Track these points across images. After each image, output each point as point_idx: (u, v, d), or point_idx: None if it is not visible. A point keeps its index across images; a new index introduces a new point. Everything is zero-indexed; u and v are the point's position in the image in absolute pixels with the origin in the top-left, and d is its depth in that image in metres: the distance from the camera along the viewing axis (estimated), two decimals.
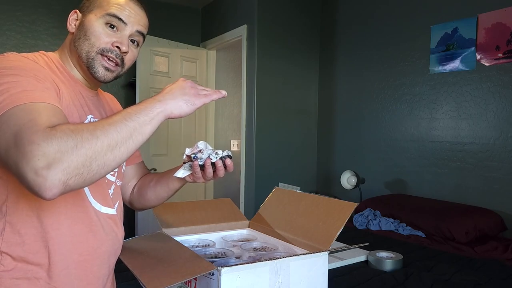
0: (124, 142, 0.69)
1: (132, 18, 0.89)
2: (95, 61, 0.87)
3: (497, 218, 2.26)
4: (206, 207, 1.28)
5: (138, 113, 0.73)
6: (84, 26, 0.87)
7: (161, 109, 0.76)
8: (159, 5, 3.90)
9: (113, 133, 0.68)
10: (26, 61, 0.78)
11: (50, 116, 0.68)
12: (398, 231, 2.32)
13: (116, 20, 0.87)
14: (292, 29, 3.52)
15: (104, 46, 0.87)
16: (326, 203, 1.06)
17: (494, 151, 2.42)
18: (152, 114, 0.74)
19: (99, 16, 0.87)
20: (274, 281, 0.85)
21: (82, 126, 0.67)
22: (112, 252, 0.94)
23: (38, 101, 0.69)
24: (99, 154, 0.66)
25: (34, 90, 0.71)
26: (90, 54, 0.86)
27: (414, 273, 1.62)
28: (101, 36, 0.86)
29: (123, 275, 1.48)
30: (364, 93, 3.27)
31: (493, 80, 2.43)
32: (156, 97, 0.78)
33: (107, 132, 0.68)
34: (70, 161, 0.63)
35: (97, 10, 0.87)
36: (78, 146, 0.64)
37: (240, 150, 3.54)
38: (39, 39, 3.28)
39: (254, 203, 3.31)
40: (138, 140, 0.72)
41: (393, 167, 3.01)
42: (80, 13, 0.89)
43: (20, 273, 0.79)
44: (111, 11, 0.87)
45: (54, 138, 0.63)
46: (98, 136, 0.66)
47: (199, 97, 0.82)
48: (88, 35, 0.86)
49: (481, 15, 2.47)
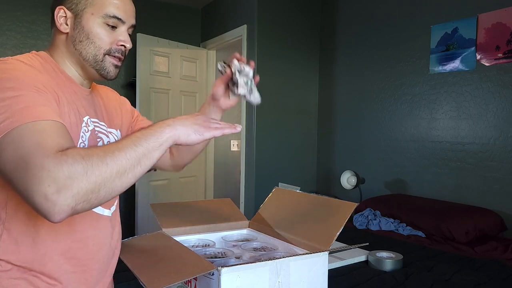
0: (132, 169, 0.70)
1: (127, 14, 0.89)
2: (105, 63, 0.88)
3: (497, 218, 2.26)
4: (206, 207, 1.28)
5: (148, 138, 0.73)
6: (83, 28, 0.85)
7: (170, 134, 0.76)
8: (159, 5, 3.90)
9: (123, 160, 0.69)
10: (24, 69, 0.76)
11: (57, 138, 0.68)
12: (398, 231, 2.32)
13: (116, 20, 0.87)
14: (292, 29, 3.52)
15: (110, 47, 0.88)
16: (326, 203, 1.06)
17: (494, 151, 2.42)
18: (162, 139, 0.75)
19: (97, 17, 0.85)
20: (274, 281, 0.85)
21: (92, 151, 0.67)
22: (111, 255, 0.93)
23: (42, 119, 0.69)
24: (108, 181, 0.67)
25: (37, 105, 0.70)
26: (98, 57, 0.87)
27: (414, 273, 1.62)
28: (105, 38, 0.87)
29: (123, 275, 1.48)
30: (364, 93, 3.27)
31: (493, 80, 2.43)
32: (166, 121, 0.78)
33: (116, 158, 0.68)
34: (80, 188, 0.63)
35: (93, 9, 0.85)
36: (88, 173, 0.65)
37: (240, 150, 3.54)
38: (39, 39, 3.28)
39: (254, 203, 3.31)
40: (146, 166, 0.73)
41: (393, 167, 3.01)
42: (69, 11, 0.86)
43: (18, 274, 0.78)
44: (109, 12, 0.86)
45: (65, 164, 0.63)
46: (107, 163, 0.67)
47: (210, 129, 0.82)
48: (92, 38, 0.86)
49: (481, 15, 2.47)
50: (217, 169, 4.27)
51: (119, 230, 0.98)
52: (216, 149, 4.28)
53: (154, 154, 0.74)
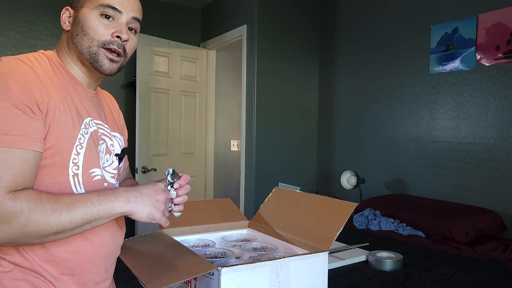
0: (71, 231, 0.74)
1: (126, 5, 0.87)
2: (98, 55, 0.86)
3: (497, 218, 2.26)
4: (206, 207, 1.28)
5: (101, 208, 0.75)
6: (79, 21, 0.86)
7: (124, 209, 0.78)
8: (159, 5, 3.90)
9: (66, 223, 0.72)
10: (16, 75, 0.75)
11: (17, 175, 0.70)
12: (398, 231, 2.32)
13: (111, 10, 0.85)
14: (292, 29, 3.52)
15: (105, 39, 0.85)
16: (326, 203, 1.06)
17: (494, 151, 2.42)
18: (114, 213, 0.77)
19: (92, 8, 0.85)
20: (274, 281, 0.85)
21: (42, 204, 0.70)
22: (111, 257, 0.93)
23: (12, 146, 0.70)
24: (42, 235, 0.71)
25: (12, 128, 0.71)
26: (92, 49, 0.85)
27: (414, 273, 1.62)
28: (98, 28, 0.85)
29: (123, 275, 1.48)
30: (364, 93, 3.27)
31: (493, 80, 2.43)
32: (128, 195, 0.79)
33: (60, 220, 0.71)
34: (11, 234, 0.68)
35: (89, 3, 0.86)
36: (27, 226, 0.68)
37: (240, 150, 3.54)
38: (39, 39, 3.28)
39: (254, 203, 3.31)
40: (86, 229, 0.77)
41: (393, 167, 3.01)
42: (72, 10, 0.88)
43: (19, 274, 0.78)
44: (103, 1, 0.85)
45: (10, 209, 0.67)
46: (49, 223, 0.70)
47: (163, 217, 0.84)
48: (85, 30, 0.85)
49: (481, 15, 2.47)
50: (217, 169, 4.27)
51: (122, 232, 0.97)
52: (216, 149, 4.28)
53: (99, 222, 0.77)
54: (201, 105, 4.09)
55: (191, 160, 4.00)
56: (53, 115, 0.78)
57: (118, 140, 0.98)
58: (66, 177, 0.80)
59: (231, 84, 4.25)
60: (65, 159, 0.80)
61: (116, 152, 0.96)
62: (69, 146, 0.81)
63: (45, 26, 3.30)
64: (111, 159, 0.94)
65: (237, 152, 4.07)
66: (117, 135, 0.99)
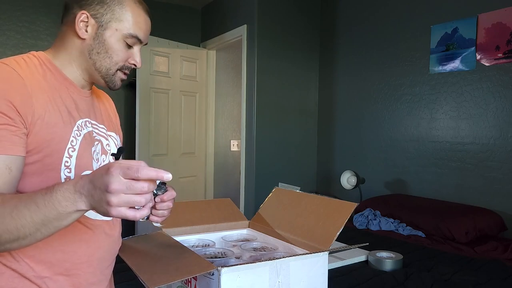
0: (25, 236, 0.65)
1: (147, 35, 0.91)
2: (115, 77, 0.90)
3: (497, 218, 2.26)
4: (206, 207, 1.28)
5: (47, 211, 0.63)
6: (105, 42, 0.85)
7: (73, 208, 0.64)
8: (159, 5, 3.90)
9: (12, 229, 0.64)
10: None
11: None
12: (398, 231, 2.32)
13: (135, 40, 0.88)
14: (292, 29, 3.52)
15: (123, 64, 0.89)
16: (326, 203, 1.06)
17: (494, 151, 2.42)
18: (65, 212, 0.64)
19: (120, 35, 0.86)
20: (274, 281, 0.85)
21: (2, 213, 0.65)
22: (107, 258, 0.92)
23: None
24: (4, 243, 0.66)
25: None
26: (111, 71, 0.88)
27: (414, 273, 1.62)
28: (122, 55, 0.88)
29: (123, 275, 1.48)
30: (364, 93, 3.27)
31: (493, 80, 2.43)
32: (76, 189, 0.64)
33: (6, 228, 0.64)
34: None
35: (118, 25, 0.85)
36: None
37: (240, 150, 3.54)
38: (39, 39, 3.28)
39: (254, 203, 3.31)
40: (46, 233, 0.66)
41: (393, 167, 3.01)
42: (93, 19, 0.84)
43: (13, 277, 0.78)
44: (134, 33, 0.87)
45: None
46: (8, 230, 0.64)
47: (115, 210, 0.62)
48: (111, 54, 0.87)
49: (481, 15, 2.47)
50: (217, 169, 4.27)
51: (118, 232, 0.96)
52: (216, 149, 4.28)
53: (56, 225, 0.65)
54: (201, 105, 4.09)
55: (191, 160, 4.01)
56: (42, 118, 0.78)
57: (114, 139, 0.98)
58: (58, 180, 0.79)
59: (231, 84, 4.25)
60: (56, 162, 0.79)
61: (113, 152, 0.96)
62: (61, 149, 0.80)
63: (45, 26, 3.30)
64: (107, 159, 0.94)
65: (237, 152, 4.07)
66: (113, 134, 0.98)
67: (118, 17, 0.85)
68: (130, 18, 0.86)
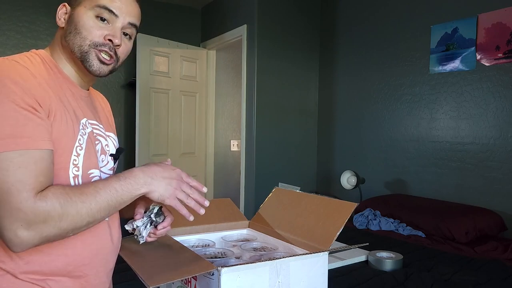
0: (101, 218, 0.77)
1: (124, 10, 0.86)
2: (89, 55, 0.84)
3: (497, 218, 2.26)
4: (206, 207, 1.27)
5: (124, 193, 0.78)
6: (74, 19, 0.84)
7: (144, 191, 0.80)
8: (159, 5, 3.90)
9: (95, 212, 0.75)
10: (14, 77, 0.73)
11: (39, 175, 0.71)
12: (398, 231, 2.32)
13: (107, 12, 0.84)
14: (292, 29, 3.52)
15: (97, 40, 0.84)
16: (326, 203, 1.06)
17: (494, 151, 2.42)
18: (135, 195, 0.80)
19: (88, 8, 0.83)
20: (274, 281, 0.85)
21: (71, 197, 0.72)
22: (109, 260, 0.91)
23: (28, 148, 0.70)
24: (76, 227, 0.74)
25: (25, 129, 0.71)
26: (83, 48, 0.84)
27: (414, 273, 1.62)
28: (92, 29, 0.83)
29: (123, 275, 1.48)
30: (364, 93, 3.27)
31: (493, 80, 2.43)
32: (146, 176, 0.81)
33: (91, 211, 0.74)
34: (49, 232, 0.70)
35: (86, 2, 0.84)
36: (62, 221, 0.71)
37: (240, 150, 3.54)
38: (39, 39, 3.28)
39: (254, 203, 3.31)
40: (112, 214, 0.80)
41: (393, 167, 3.01)
42: (69, 6, 0.86)
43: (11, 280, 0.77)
44: (101, 3, 0.83)
45: (42, 209, 0.69)
46: (81, 214, 0.73)
47: (174, 199, 0.84)
48: (79, 29, 0.83)
49: (481, 15, 2.47)
50: (217, 169, 4.27)
51: (119, 234, 0.96)
52: (216, 149, 4.28)
53: (122, 205, 0.79)
54: (201, 105, 4.09)
55: (191, 160, 4.01)
56: (54, 116, 0.78)
57: (113, 140, 0.98)
58: (67, 179, 0.80)
59: (231, 84, 4.25)
60: (65, 160, 0.80)
61: (111, 152, 0.95)
62: (70, 147, 0.81)
63: (45, 26, 3.30)
64: (106, 160, 0.93)
65: (237, 152, 4.07)
66: (111, 135, 0.98)
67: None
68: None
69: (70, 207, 0.72)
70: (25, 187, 0.69)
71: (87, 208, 0.73)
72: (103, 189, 0.76)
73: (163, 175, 0.83)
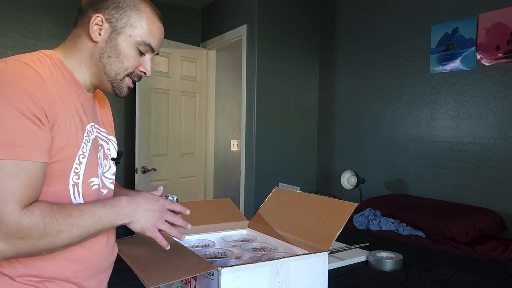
0: (77, 243, 0.77)
1: (159, 45, 0.90)
2: (122, 82, 0.88)
3: (498, 218, 2.26)
4: (206, 207, 1.28)
5: (106, 222, 0.79)
6: (117, 45, 0.84)
7: (125, 221, 0.82)
8: (159, 5, 3.86)
9: (75, 237, 0.75)
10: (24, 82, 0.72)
11: (28, 188, 0.70)
12: (398, 231, 2.31)
13: (148, 49, 0.88)
14: (292, 29, 3.52)
15: (132, 70, 0.88)
16: (326, 203, 1.06)
17: (494, 151, 2.42)
18: (116, 224, 0.82)
19: (133, 41, 0.85)
20: (274, 281, 0.85)
21: (56, 218, 0.72)
22: (106, 264, 0.91)
23: (21, 159, 0.69)
24: (51, 248, 0.73)
25: (22, 139, 0.69)
26: (119, 76, 0.87)
27: (414, 273, 1.62)
28: (132, 60, 0.87)
29: (123, 275, 1.48)
30: (364, 93, 3.26)
31: (494, 80, 2.43)
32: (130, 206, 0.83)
33: (71, 235, 0.74)
34: (24, 249, 0.69)
35: (132, 31, 0.84)
36: (40, 240, 0.70)
37: (240, 150, 3.54)
38: (40, 39, 3.28)
39: (254, 203, 3.31)
40: (88, 239, 0.80)
41: (393, 167, 3.01)
42: (107, 23, 0.83)
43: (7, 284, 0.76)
44: (147, 41, 0.86)
45: (25, 225, 0.68)
46: (61, 237, 0.72)
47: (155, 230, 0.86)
48: (122, 58, 0.85)
49: (481, 15, 2.47)
50: (217, 169, 4.27)
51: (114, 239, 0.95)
52: (216, 149, 4.28)
53: (101, 233, 0.82)
54: (201, 105, 4.09)
55: (191, 160, 4.00)
56: (58, 125, 0.77)
57: (113, 143, 0.97)
58: (66, 186, 0.79)
59: (231, 84, 4.25)
60: (66, 168, 0.79)
61: (112, 156, 0.94)
62: (72, 155, 0.80)
63: (46, 26, 3.29)
64: (108, 164, 0.93)
65: (237, 152, 4.07)
66: (112, 138, 0.97)
67: (133, 23, 0.84)
68: (145, 25, 0.85)
69: (52, 229, 0.71)
70: (12, 199, 0.67)
71: (69, 232, 0.73)
72: (88, 214, 0.76)
73: (146, 207, 0.84)
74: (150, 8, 0.87)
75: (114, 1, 0.84)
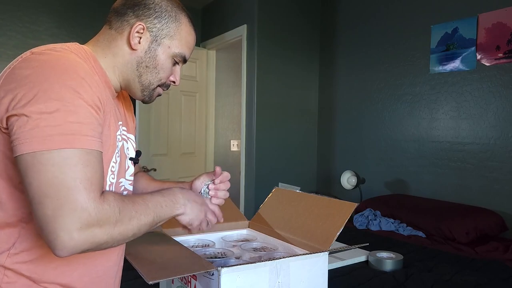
0: (141, 233, 0.75)
1: (190, 56, 0.91)
2: (154, 91, 0.88)
3: (498, 219, 2.26)
4: None
5: (166, 210, 0.80)
6: (156, 57, 0.83)
7: (180, 212, 0.83)
8: None
9: (143, 225, 0.74)
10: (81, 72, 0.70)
11: (100, 176, 0.68)
12: (398, 231, 2.31)
13: (183, 60, 0.88)
14: (292, 29, 3.52)
15: (165, 81, 0.88)
16: (326, 203, 1.06)
17: (494, 151, 2.42)
18: (173, 215, 0.82)
19: (171, 52, 0.84)
20: (274, 281, 0.85)
21: (126, 205, 0.71)
22: (118, 270, 0.91)
23: (92, 148, 0.67)
24: (123, 238, 0.71)
25: (88, 128, 0.67)
26: (152, 86, 0.87)
27: (415, 274, 1.62)
28: (167, 71, 0.87)
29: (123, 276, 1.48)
30: (364, 93, 3.26)
31: (494, 80, 2.43)
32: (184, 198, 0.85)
33: (140, 222, 0.73)
34: (99, 239, 0.66)
35: (171, 42, 0.84)
36: (115, 228, 0.68)
37: (240, 150, 3.54)
38: (40, 39, 3.28)
39: (254, 203, 3.31)
40: (149, 230, 0.78)
41: (393, 167, 3.01)
42: (148, 32, 0.81)
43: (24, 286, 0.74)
44: (184, 53, 0.87)
45: (105, 212, 0.66)
46: (132, 224, 0.71)
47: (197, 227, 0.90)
48: (158, 69, 0.85)
49: (481, 15, 2.47)
50: None
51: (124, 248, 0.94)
52: (216, 149, 4.28)
53: (161, 223, 0.81)
54: (201, 105, 4.09)
55: (191, 160, 4.00)
56: (106, 118, 0.75)
57: (132, 142, 0.94)
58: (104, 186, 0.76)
59: (231, 84, 4.24)
60: (105, 166, 0.76)
61: (131, 156, 0.91)
62: (111, 153, 0.78)
63: (46, 26, 3.29)
64: (127, 165, 0.89)
65: (237, 152, 4.07)
66: (131, 137, 0.94)
67: (172, 34, 0.84)
68: (183, 37, 0.85)
69: (125, 215, 0.69)
70: (92, 187, 0.65)
71: (138, 219, 0.72)
72: (151, 202, 0.76)
73: (196, 200, 0.87)
74: (188, 18, 0.86)
75: (156, 10, 0.82)
